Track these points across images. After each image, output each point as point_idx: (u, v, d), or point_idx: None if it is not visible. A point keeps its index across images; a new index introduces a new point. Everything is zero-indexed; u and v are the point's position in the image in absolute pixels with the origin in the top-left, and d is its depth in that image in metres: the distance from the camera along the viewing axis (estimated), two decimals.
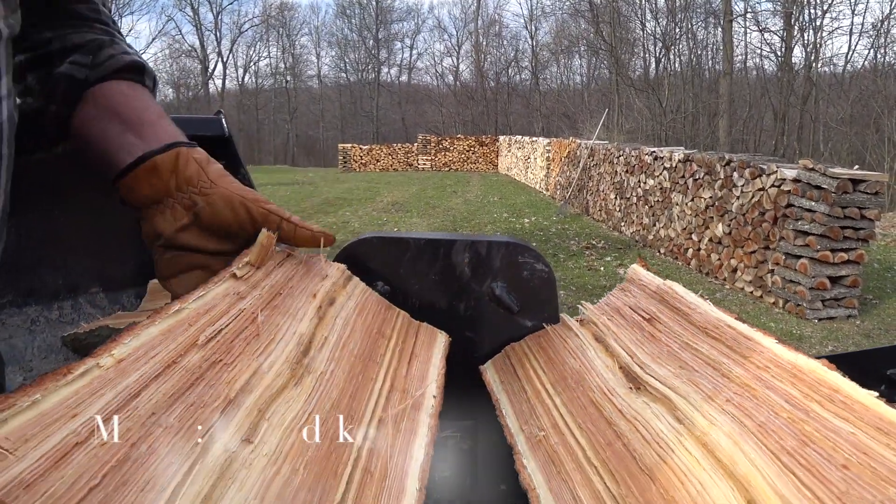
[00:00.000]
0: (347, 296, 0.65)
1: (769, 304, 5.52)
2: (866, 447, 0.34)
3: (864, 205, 4.94)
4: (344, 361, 0.52)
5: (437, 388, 0.56)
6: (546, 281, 0.74)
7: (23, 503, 0.26)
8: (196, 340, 0.41)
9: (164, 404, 0.35)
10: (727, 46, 21.30)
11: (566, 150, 13.09)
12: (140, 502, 0.29)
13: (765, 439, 0.38)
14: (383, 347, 0.60)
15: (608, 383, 0.53)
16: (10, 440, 0.28)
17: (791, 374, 0.42)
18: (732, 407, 0.42)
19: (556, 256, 7.57)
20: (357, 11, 44.29)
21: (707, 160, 6.67)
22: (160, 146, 0.62)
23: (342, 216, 11.10)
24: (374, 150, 25.08)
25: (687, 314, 0.57)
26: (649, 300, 0.64)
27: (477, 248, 0.74)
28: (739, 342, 0.48)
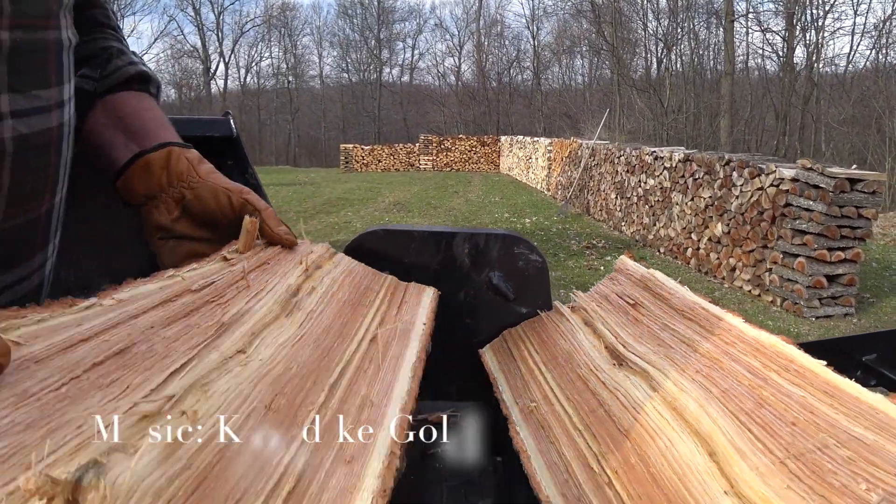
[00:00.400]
0: (334, 264, 0.70)
1: (767, 303, 5.57)
2: (813, 407, 0.39)
3: (862, 204, 4.99)
4: (333, 304, 0.57)
5: (426, 319, 0.61)
6: (540, 270, 0.79)
7: (34, 371, 0.30)
8: (190, 288, 0.46)
9: (161, 323, 0.39)
10: (729, 47, 21.34)
11: (567, 150, 13.14)
12: (138, 382, 0.32)
13: (727, 403, 0.43)
14: (372, 297, 0.65)
15: (594, 361, 0.58)
16: (23, 339, 0.32)
17: (754, 347, 0.48)
18: (701, 377, 0.48)
19: (556, 256, 7.62)
20: (359, 11, 44.37)
21: (707, 160, 6.72)
22: (152, 146, 0.67)
23: (344, 216, 11.16)
24: (376, 150, 25.13)
25: (667, 299, 0.62)
26: (634, 287, 0.69)
27: (476, 240, 0.79)
28: (711, 322, 0.54)
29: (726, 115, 21.22)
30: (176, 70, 41.38)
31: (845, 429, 0.36)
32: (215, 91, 42.37)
